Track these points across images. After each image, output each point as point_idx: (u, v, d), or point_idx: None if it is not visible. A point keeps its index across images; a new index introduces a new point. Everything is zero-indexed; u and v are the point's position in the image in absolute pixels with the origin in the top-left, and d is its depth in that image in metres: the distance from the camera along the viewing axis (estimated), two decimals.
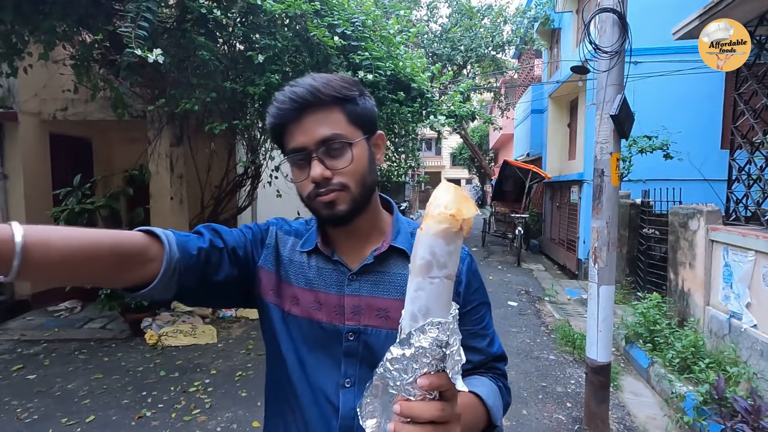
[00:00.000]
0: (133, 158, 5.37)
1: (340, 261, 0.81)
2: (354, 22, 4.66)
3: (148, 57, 3.11)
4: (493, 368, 0.84)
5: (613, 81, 2.85)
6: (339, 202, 0.75)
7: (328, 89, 0.74)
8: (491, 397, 0.76)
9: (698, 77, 6.29)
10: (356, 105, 0.78)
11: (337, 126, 0.75)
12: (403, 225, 0.86)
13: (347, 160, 0.75)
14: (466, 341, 0.76)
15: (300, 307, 0.81)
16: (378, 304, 0.78)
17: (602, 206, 2.94)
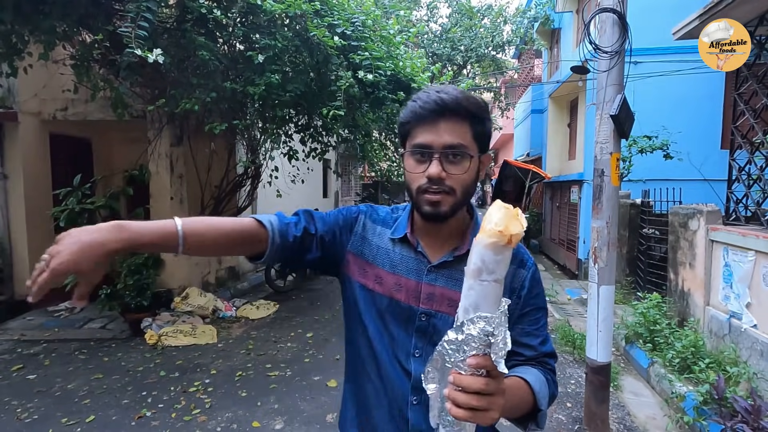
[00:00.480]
0: (133, 158, 5.37)
1: (423, 253, 0.95)
2: (354, 22, 4.66)
3: (148, 57, 3.11)
4: (543, 363, 0.95)
5: (613, 81, 2.85)
6: (443, 203, 0.87)
7: (469, 104, 0.86)
8: (538, 383, 0.87)
9: (698, 77, 6.29)
10: (483, 125, 0.89)
11: (463, 137, 0.86)
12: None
13: (463, 169, 0.87)
14: (522, 338, 0.93)
15: (383, 287, 0.96)
16: (449, 295, 0.92)
17: (602, 206, 2.94)
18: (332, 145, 6.61)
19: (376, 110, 5.57)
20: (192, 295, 5.32)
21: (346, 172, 14.13)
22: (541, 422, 0.89)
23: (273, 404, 3.34)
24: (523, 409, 0.85)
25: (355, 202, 14.60)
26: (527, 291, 0.94)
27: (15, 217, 5.38)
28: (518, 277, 0.95)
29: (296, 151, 5.62)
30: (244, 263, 7.53)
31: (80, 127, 5.98)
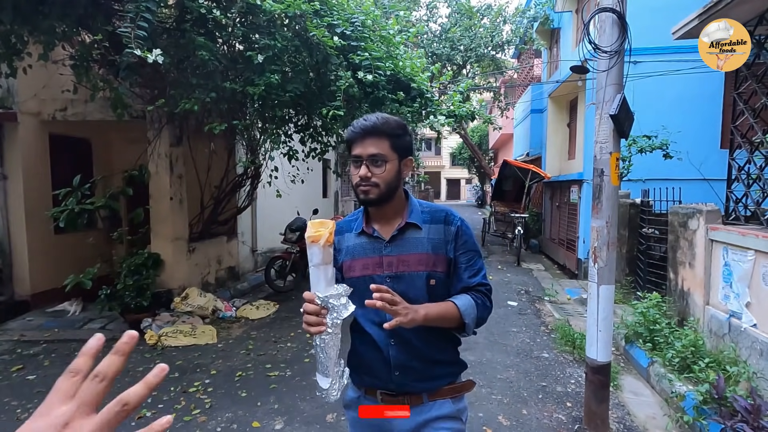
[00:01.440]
0: (133, 158, 5.36)
1: (378, 236, 1.32)
2: (353, 22, 4.66)
3: (147, 57, 3.11)
4: (476, 290, 1.33)
5: (613, 81, 2.85)
6: (370, 193, 1.26)
7: (385, 126, 1.25)
8: (464, 305, 1.27)
9: (698, 77, 6.29)
10: (398, 138, 1.28)
11: (382, 148, 1.25)
12: (415, 206, 1.36)
13: (382, 170, 1.25)
14: (459, 273, 1.33)
15: (355, 271, 1.32)
16: (402, 258, 1.30)
17: (602, 206, 2.94)
18: (332, 145, 6.61)
19: (375, 110, 5.56)
20: (192, 296, 5.31)
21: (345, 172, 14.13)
22: (467, 330, 1.29)
23: (273, 404, 3.34)
24: (453, 321, 1.26)
25: (355, 202, 14.60)
26: (455, 240, 1.32)
27: (15, 217, 5.38)
28: (447, 232, 1.33)
29: (296, 151, 5.62)
30: (244, 263, 7.52)
31: (80, 128, 5.98)
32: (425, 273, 1.28)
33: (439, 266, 1.30)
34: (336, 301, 1.06)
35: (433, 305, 1.25)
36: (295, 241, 6.66)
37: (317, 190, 11.45)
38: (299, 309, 1.12)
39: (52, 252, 5.62)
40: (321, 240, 1.05)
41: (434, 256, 1.30)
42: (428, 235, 1.31)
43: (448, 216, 1.35)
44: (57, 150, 5.82)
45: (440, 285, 1.31)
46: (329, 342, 1.08)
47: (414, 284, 1.28)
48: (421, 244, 1.30)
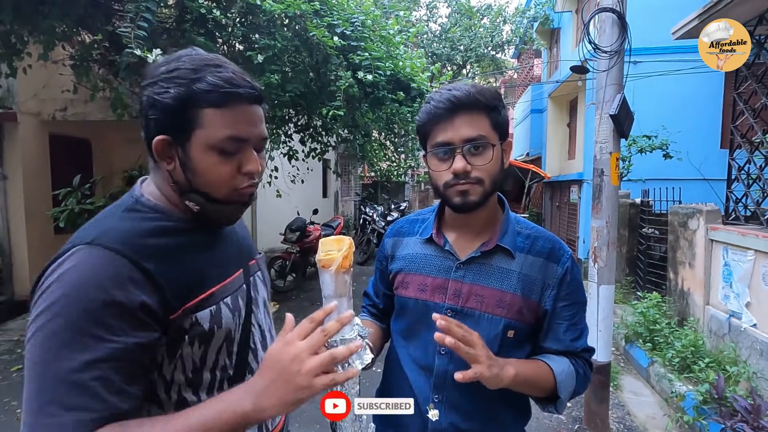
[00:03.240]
0: (133, 158, 5.36)
1: (450, 251, 0.98)
2: (353, 22, 4.66)
3: (147, 57, 3.10)
4: (579, 356, 0.99)
5: (613, 80, 2.85)
6: (472, 193, 0.90)
7: (481, 96, 0.89)
8: (562, 373, 0.94)
9: (698, 77, 6.29)
10: (499, 114, 0.92)
11: (482, 128, 0.89)
12: (512, 224, 1.00)
13: (487, 159, 0.89)
14: (555, 332, 0.97)
15: (408, 290, 1.01)
16: (477, 290, 0.95)
17: (602, 206, 2.94)
18: (332, 145, 6.61)
19: (375, 110, 5.57)
20: None
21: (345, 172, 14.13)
22: (559, 408, 0.97)
23: None
24: (542, 390, 0.94)
25: (355, 202, 14.60)
26: (559, 287, 0.96)
27: (15, 217, 5.37)
28: (550, 272, 0.96)
29: (296, 151, 5.62)
30: None
31: (80, 128, 5.98)
32: (503, 320, 0.93)
33: (525, 315, 0.95)
34: (350, 339, 0.79)
35: (526, 364, 0.92)
36: (295, 241, 6.66)
37: (317, 190, 11.45)
38: (299, 309, 1.00)
39: (52, 252, 5.45)
40: (333, 265, 0.78)
41: (523, 301, 0.94)
42: (521, 269, 0.95)
43: (555, 250, 0.98)
44: (57, 150, 5.82)
45: (520, 338, 0.96)
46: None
47: (484, 330, 0.91)
48: (509, 279, 0.94)
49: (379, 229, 9.29)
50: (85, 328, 0.62)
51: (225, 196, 0.76)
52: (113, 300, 0.64)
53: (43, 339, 0.62)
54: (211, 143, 0.72)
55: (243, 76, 0.75)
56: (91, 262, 0.66)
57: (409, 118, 5.65)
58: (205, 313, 0.74)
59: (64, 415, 0.60)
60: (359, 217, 10.31)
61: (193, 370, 0.75)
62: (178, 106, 0.71)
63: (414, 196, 22.49)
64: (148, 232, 0.72)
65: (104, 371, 0.62)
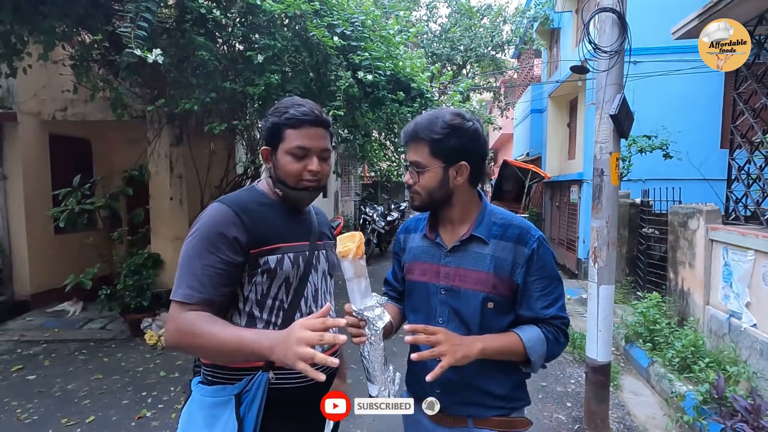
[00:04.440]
0: (133, 158, 5.36)
1: (439, 243, 1.24)
2: (353, 22, 4.66)
3: (147, 57, 3.11)
4: (548, 323, 1.19)
5: (613, 80, 2.85)
6: (414, 199, 1.22)
7: (422, 131, 1.15)
8: (531, 339, 1.14)
9: (698, 77, 6.29)
10: (440, 143, 1.14)
11: (420, 156, 1.16)
12: (487, 217, 1.23)
13: (419, 178, 1.17)
14: (529, 302, 1.18)
15: (413, 275, 1.27)
16: (460, 272, 1.19)
17: (602, 206, 2.94)
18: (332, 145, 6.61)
19: (375, 110, 5.56)
20: None
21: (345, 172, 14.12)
22: (534, 368, 1.19)
23: None
24: (515, 355, 1.15)
25: (355, 202, 14.60)
26: (527, 264, 1.16)
27: (15, 217, 5.37)
28: (519, 253, 1.17)
29: None
30: None
31: (80, 128, 5.98)
32: (482, 294, 1.16)
33: (500, 289, 1.16)
34: (370, 313, 1.06)
35: (493, 337, 1.13)
36: None
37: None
38: None
39: (52, 252, 5.62)
40: (350, 254, 1.04)
41: (495, 278, 1.15)
42: (493, 252, 1.17)
43: (523, 234, 1.18)
44: (57, 150, 5.82)
45: (500, 308, 1.18)
46: (372, 351, 1.07)
47: (468, 303, 1.17)
48: (483, 261, 1.17)
49: (379, 229, 9.28)
50: (206, 245, 1.08)
51: (294, 184, 1.17)
52: (221, 232, 1.08)
53: (187, 247, 1.10)
54: (287, 150, 1.15)
55: (313, 109, 1.17)
56: (214, 209, 1.13)
57: (409, 118, 5.64)
58: (273, 257, 1.13)
59: (185, 290, 1.06)
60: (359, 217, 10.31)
61: (261, 294, 1.14)
62: (273, 128, 1.17)
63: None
64: (251, 200, 1.18)
65: (210, 272, 1.06)
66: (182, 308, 1.05)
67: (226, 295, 1.10)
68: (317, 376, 0.87)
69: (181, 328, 1.05)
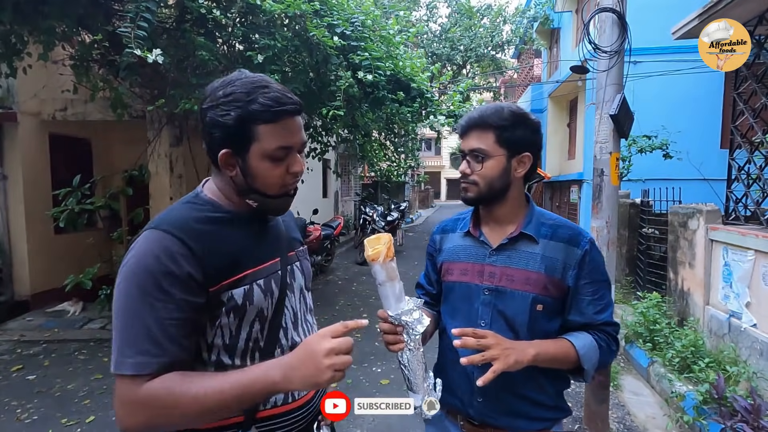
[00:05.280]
0: (133, 158, 5.36)
1: (484, 241, 1.18)
2: (353, 22, 4.65)
3: (147, 57, 3.10)
4: (600, 330, 1.12)
5: (613, 80, 2.85)
6: (469, 191, 1.16)
7: (489, 118, 1.11)
8: (584, 347, 1.08)
9: (698, 77, 6.29)
10: (506, 131, 1.11)
11: (484, 143, 1.11)
12: (535, 215, 1.18)
13: (481, 167, 1.12)
14: (579, 307, 1.11)
15: (453, 275, 1.20)
16: (507, 272, 1.13)
17: (602, 206, 2.94)
18: (332, 145, 6.61)
19: (375, 110, 5.57)
20: None
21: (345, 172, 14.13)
22: (586, 377, 1.11)
23: None
24: (567, 363, 1.08)
25: (355, 202, 14.60)
26: (579, 266, 1.11)
27: (14, 217, 5.37)
28: (570, 255, 1.12)
29: None
30: None
31: (80, 128, 5.98)
32: (532, 295, 1.10)
33: (551, 291, 1.10)
34: (408, 317, 1.00)
35: (545, 343, 1.07)
36: None
37: (317, 191, 11.45)
38: None
39: (52, 252, 5.62)
40: (380, 257, 0.98)
41: (547, 278, 1.10)
42: (544, 252, 1.12)
43: (575, 236, 1.13)
44: (57, 150, 5.82)
45: (550, 311, 1.11)
46: (412, 358, 1.00)
47: (516, 305, 1.11)
48: (534, 260, 1.11)
49: (379, 229, 9.28)
50: (150, 292, 0.81)
51: (277, 192, 0.94)
52: (168, 270, 0.82)
53: (124, 300, 0.83)
54: (264, 153, 0.89)
55: (286, 93, 0.90)
56: (151, 241, 0.85)
57: (409, 118, 5.64)
58: (239, 290, 0.89)
59: (136, 357, 0.79)
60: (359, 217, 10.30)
61: (230, 337, 0.91)
62: (237, 125, 0.87)
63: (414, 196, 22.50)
64: (197, 219, 0.90)
65: (166, 326, 0.81)
66: (138, 383, 0.79)
67: (191, 349, 0.87)
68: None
69: (149, 405, 0.79)
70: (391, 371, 3.77)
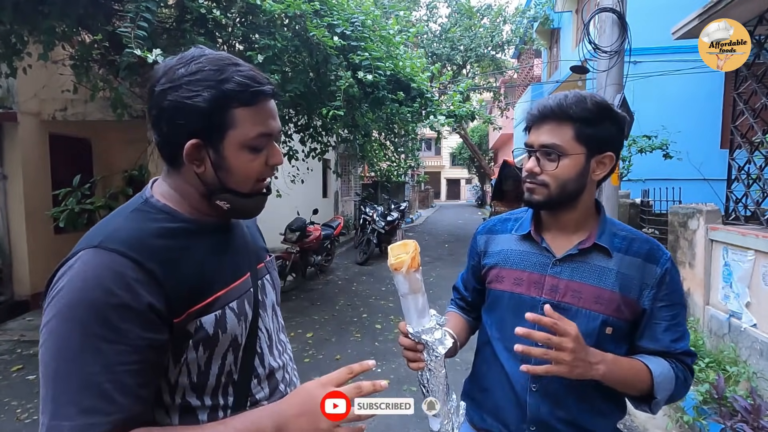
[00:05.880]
0: (133, 158, 5.36)
1: (547, 248, 1.02)
2: (353, 22, 4.66)
3: (147, 57, 3.10)
4: (679, 360, 0.99)
5: (613, 81, 2.86)
6: (535, 193, 0.98)
7: (570, 109, 0.94)
8: (661, 374, 0.94)
9: (698, 77, 6.29)
10: (588, 126, 0.95)
11: (560, 138, 0.95)
12: (608, 226, 1.04)
13: (555, 166, 0.95)
14: (654, 332, 0.97)
15: (503, 284, 1.05)
16: (574, 286, 0.98)
17: None
18: (332, 145, 6.61)
19: (375, 110, 5.57)
20: None
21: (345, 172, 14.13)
22: (654, 409, 0.97)
23: None
24: (637, 389, 0.95)
25: (355, 202, 14.60)
26: (658, 287, 0.97)
27: (14, 217, 5.37)
28: (648, 273, 0.97)
29: (296, 151, 5.62)
30: None
31: (80, 128, 5.98)
32: (602, 316, 0.95)
33: (624, 313, 0.96)
34: (429, 336, 0.91)
35: (619, 361, 0.92)
36: (295, 241, 6.66)
37: (317, 191, 11.45)
38: (299, 309, 1.03)
39: (52, 252, 5.62)
40: (404, 267, 0.88)
41: (621, 298, 0.95)
42: (619, 268, 0.97)
43: (654, 251, 0.99)
44: (57, 150, 5.82)
45: (619, 335, 0.98)
46: (432, 379, 0.92)
47: (581, 326, 0.91)
48: (608, 277, 0.97)
49: (379, 229, 9.28)
50: (96, 332, 0.63)
51: (251, 189, 0.78)
52: (121, 302, 0.64)
53: (58, 343, 0.63)
54: (244, 142, 0.74)
55: (260, 73, 0.77)
56: (95, 265, 0.65)
57: (409, 118, 5.64)
58: (209, 317, 0.73)
59: (78, 418, 0.61)
60: (359, 217, 10.31)
61: (198, 374, 0.75)
62: (211, 109, 0.71)
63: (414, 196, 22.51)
64: (153, 232, 0.71)
65: (117, 374, 0.63)
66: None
67: (150, 400, 0.70)
68: None
69: None
70: (391, 371, 3.77)
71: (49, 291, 0.67)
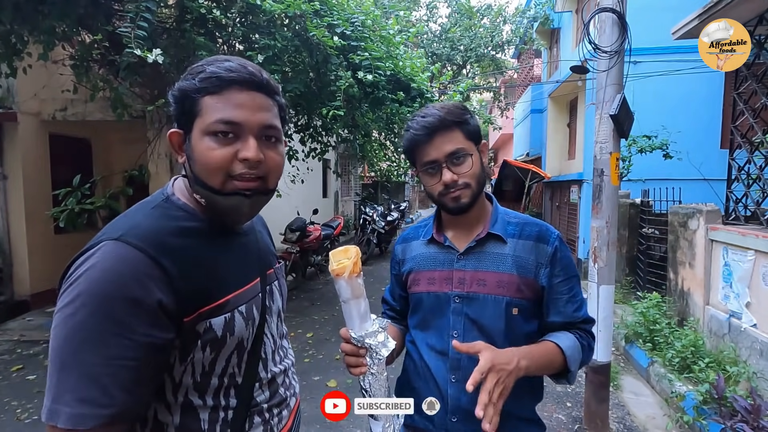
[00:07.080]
0: (133, 158, 5.36)
1: (450, 246, 1.11)
2: (353, 22, 4.66)
3: (147, 57, 3.11)
4: (580, 328, 1.09)
5: (613, 81, 2.85)
6: (463, 196, 1.04)
7: (449, 115, 1.03)
8: (570, 348, 1.03)
9: (698, 77, 6.29)
10: (468, 124, 1.05)
11: (459, 142, 1.03)
12: (501, 214, 1.13)
13: (468, 166, 1.04)
14: (557, 306, 1.06)
15: (419, 285, 1.12)
16: (478, 276, 1.06)
17: (602, 206, 2.94)
18: (332, 145, 6.61)
19: (375, 110, 5.57)
20: None
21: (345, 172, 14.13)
22: (570, 379, 1.07)
23: None
24: (554, 369, 1.03)
25: (355, 202, 14.60)
26: (551, 264, 1.06)
27: (15, 217, 5.37)
28: (541, 252, 1.07)
29: (296, 151, 5.61)
30: None
31: (80, 128, 5.98)
32: (506, 299, 1.04)
33: (525, 292, 1.05)
34: (372, 339, 0.92)
35: (535, 350, 0.99)
36: (295, 241, 6.66)
37: (317, 191, 11.45)
38: (299, 309, 1.06)
39: (52, 252, 5.62)
40: (345, 272, 0.89)
41: (520, 279, 1.04)
42: (514, 251, 1.06)
43: (543, 232, 1.09)
44: (57, 150, 5.82)
45: (526, 314, 1.06)
46: (374, 383, 0.94)
47: (489, 310, 1.04)
48: (504, 261, 1.06)
49: (379, 229, 9.28)
50: (105, 324, 0.64)
51: (220, 184, 0.75)
52: (133, 297, 0.65)
53: (68, 330, 0.65)
54: (204, 128, 0.74)
55: (246, 66, 0.76)
56: (114, 257, 0.67)
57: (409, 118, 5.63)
58: (219, 319, 0.75)
59: (76, 407, 0.63)
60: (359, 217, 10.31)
61: (202, 374, 0.76)
62: (182, 98, 0.75)
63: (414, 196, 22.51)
64: (172, 231, 0.73)
65: (118, 368, 0.65)
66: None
67: (144, 401, 0.71)
68: None
69: None
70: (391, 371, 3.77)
71: (66, 278, 0.69)
